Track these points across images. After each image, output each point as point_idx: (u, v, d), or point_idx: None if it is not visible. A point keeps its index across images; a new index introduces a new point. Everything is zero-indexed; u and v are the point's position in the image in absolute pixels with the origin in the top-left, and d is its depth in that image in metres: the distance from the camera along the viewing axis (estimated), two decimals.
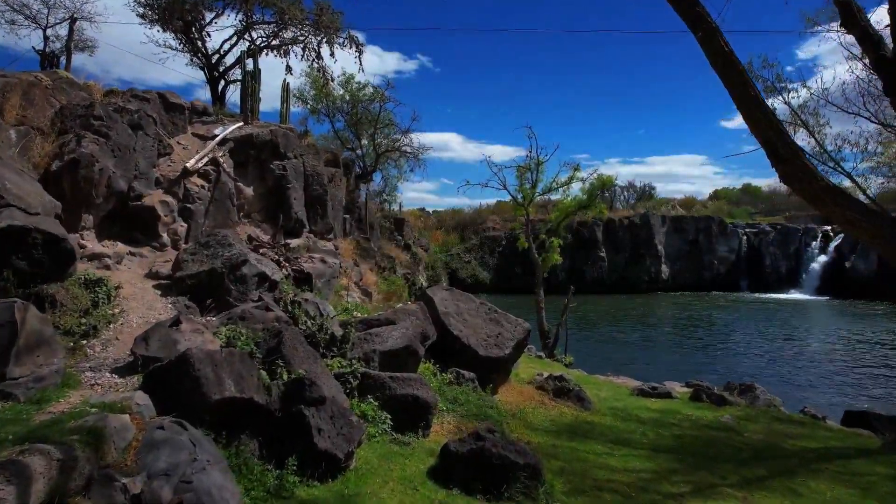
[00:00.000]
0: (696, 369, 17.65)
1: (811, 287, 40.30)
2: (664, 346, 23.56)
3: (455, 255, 45.66)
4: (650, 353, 22.56)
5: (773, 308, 33.86)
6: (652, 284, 43.57)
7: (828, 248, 41.11)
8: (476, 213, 52.05)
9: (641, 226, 43.98)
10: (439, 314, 9.57)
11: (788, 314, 30.98)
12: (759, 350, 21.90)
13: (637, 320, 30.17)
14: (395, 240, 33.40)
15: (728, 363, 19.74)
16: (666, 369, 17.54)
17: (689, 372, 16.17)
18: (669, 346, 23.76)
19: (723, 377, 15.49)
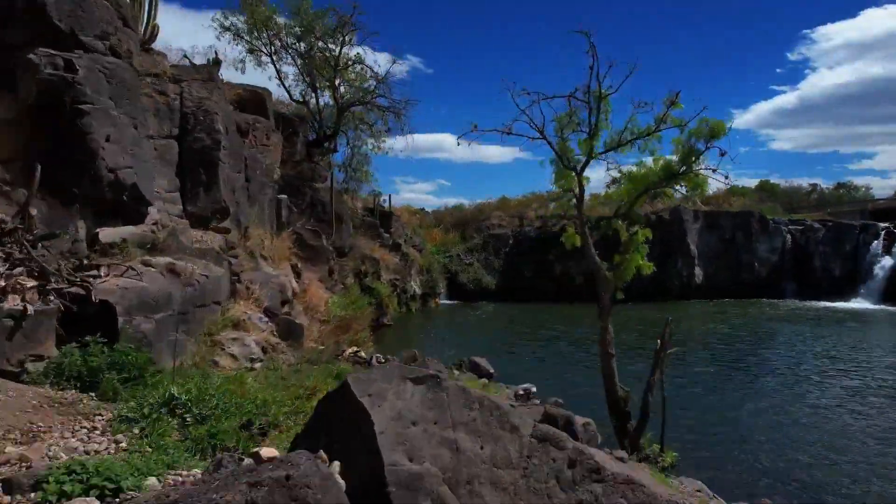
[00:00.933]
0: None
1: (876, 294, 34.15)
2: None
3: (455, 256, 39.67)
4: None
5: (833, 320, 27.78)
6: (684, 290, 37.49)
7: (893, 248, 34.97)
8: (478, 208, 46.12)
9: (672, 222, 37.90)
10: (383, 472, 3.45)
11: (857, 330, 24.99)
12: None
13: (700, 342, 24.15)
14: (380, 238, 27.36)
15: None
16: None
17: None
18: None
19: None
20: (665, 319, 10.76)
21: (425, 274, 33.55)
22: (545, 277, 38.54)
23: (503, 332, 25.11)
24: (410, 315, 30.76)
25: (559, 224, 39.27)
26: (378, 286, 25.44)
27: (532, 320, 27.91)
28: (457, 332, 25.22)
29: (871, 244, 35.86)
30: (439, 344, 21.86)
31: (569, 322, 26.83)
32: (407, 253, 31.01)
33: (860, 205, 46.42)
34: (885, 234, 35.89)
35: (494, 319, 29.84)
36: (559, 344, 21.75)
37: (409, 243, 34.09)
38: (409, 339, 23.22)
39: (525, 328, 25.54)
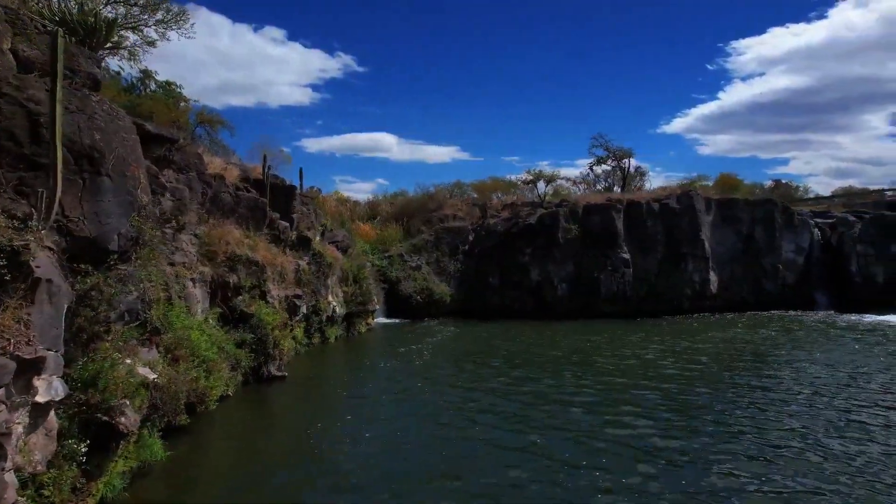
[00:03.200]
0: None
1: None
2: None
3: (395, 257, 29.37)
4: None
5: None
6: (696, 301, 28.68)
7: None
8: (428, 196, 35.92)
9: (682, 212, 29.02)
10: None
11: None
12: None
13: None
14: (272, 229, 16.74)
15: None
16: None
17: None
18: None
19: None
20: None
21: (352, 284, 23.14)
22: (518, 286, 28.84)
23: (480, 385, 15.10)
24: (327, 348, 20.30)
25: (534, 213, 29.78)
26: (261, 311, 14.92)
27: (518, 355, 18.04)
28: (394, 388, 14.99)
29: None
30: (366, 424, 11.71)
31: (543, 351, 17.11)
32: (321, 254, 20.54)
33: (868, 196, 39.06)
34: None
35: (454, 353, 19.76)
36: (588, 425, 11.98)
37: (327, 239, 23.59)
38: (303, 413, 12.92)
39: (510, 375, 15.60)
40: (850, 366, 15.86)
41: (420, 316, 27.82)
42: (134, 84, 27.03)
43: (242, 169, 18.27)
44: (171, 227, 13.03)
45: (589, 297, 28.20)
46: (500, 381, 14.44)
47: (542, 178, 33.16)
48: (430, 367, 16.42)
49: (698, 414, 11.45)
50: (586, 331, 23.23)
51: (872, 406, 11.85)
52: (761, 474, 8.40)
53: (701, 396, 12.77)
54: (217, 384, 11.37)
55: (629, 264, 28.24)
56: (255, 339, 14.39)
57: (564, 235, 28.72)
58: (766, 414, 11.38)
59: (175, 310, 11.31)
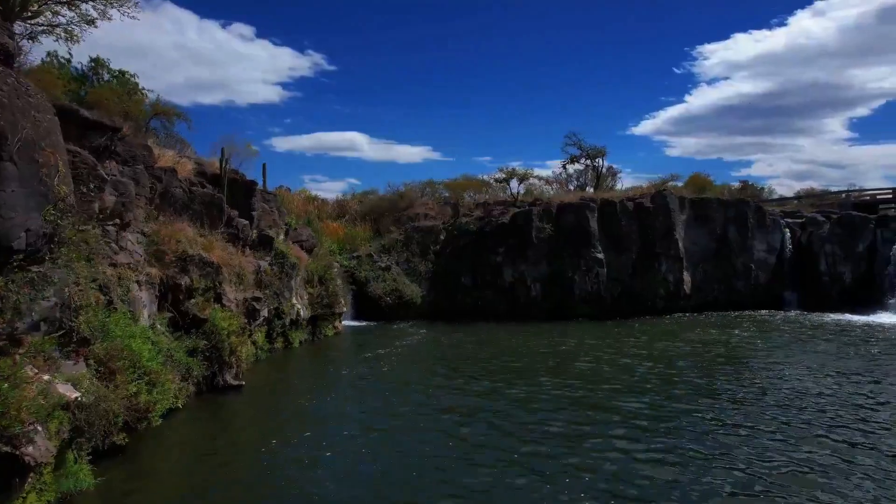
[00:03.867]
0: None
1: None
2: None
3: (364, 257, 28.37)
4: None
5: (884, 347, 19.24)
6: (670, 302, 28.40)
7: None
8: (399, 195, 34.93)
9: (656, 211, 28.69)
10: None
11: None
12: None
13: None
14: (230, 227, 15.65)
15: None
16: None
17: None
18: None
19: None
20: None
21: (318, 285, 22.07)
22: (491, 286, 28.13)
23: (450, 398, 14.30)
24: (290, 353, 19.21)
25: (507, 212, 29.13)
26: (216, 316, 13.82)
27: (491, 360, 17.28)
28: (358, 400, 14.09)
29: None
30: (329, 441, 10.78)
31: (551, 369, 16.44)
32: (284, 253, 19.44)
33: (827, 197, 39.37)
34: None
35: (424, 358, 18.93)
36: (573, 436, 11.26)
37: (291, 238, 22.47)
38: (258, 428, 11.93)
39: (481, 385, 14.83)
40: (833, 371, 15.54)
41: (390, 318, 26.86)
42: (84, 73, 25.47)
43: (198, 163, 17.06)
44: (114, 224, 11.87)
45: (563, 298, 27.65)
46: (472, 393, 13.63)
47: (515, 176, 32.54)
48: (399, 375, 15.51)
49: (680, 431, 10.83)
50: (560, 333, 22.63)
51: (860, 419, 11.42)
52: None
53: (681, 412, 12.17)
54: (162, 398, 10.29)
55: (603, 264, 27.79)
56: (208, 346, 13.29)
57: (538, 235, 28.12)
58: (751, 429, 10.83)
59: (115, 316, 10.19)
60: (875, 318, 25.88)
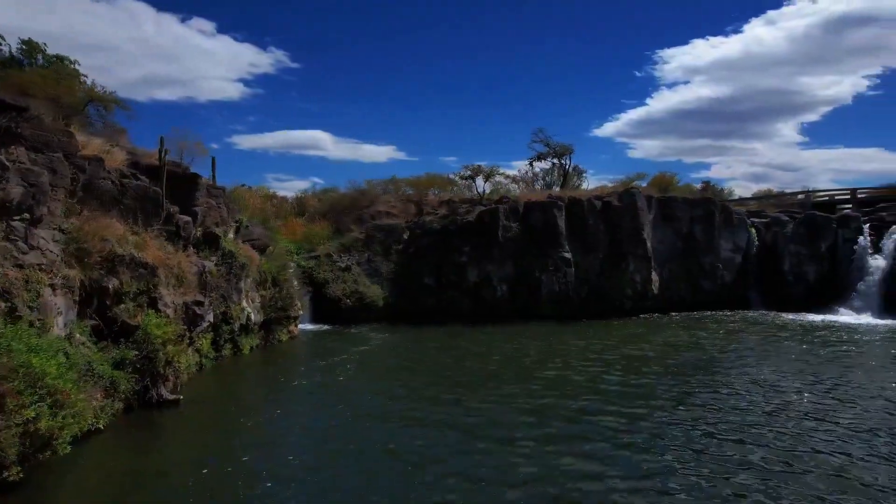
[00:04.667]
0: None
1: (871, 304, 26.66)
2: None
3: (323, 257, 26.96)
4: None
5: (846, 349, 18.96)
6: (637, 302, 27.88)
7: (882, 244, 27.82)
8: (360, 192, 33.57)
9: (624, 210, 28.12)
10: None
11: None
12: None
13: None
14: (170, 224, 14.17)
15: None
16: None
17: None
18: None
19: None
20: None
21: (271, 287, 20.61)
22: (455, 287, 27.08)
23: (409, 412, 13.18)
24: (239, 361, 17.73)
25: (473, 210, 28.15)
26: (150, 322, 12.33)
27: (454, 368, 16.22)
28: (309, 415, 12.85)
29: (857, 241, 28.50)
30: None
31: (521, 373, 15.48)
32: (233, 253, 17.94)
33: (782, 198, 39.70)
34: (871, 226, 28.81)
35: (384, 366, 17.78)
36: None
37: (242, 237, 20.94)
38: (190, 452, 10.58)
39: (440, 396, 13.77)
40: (810, 376, 15.03)
41: (350, 321, 25.51)
42: (13, 56, 23.36)
43: (132, 153, 15.40)
44: (22, 219, 10.31)
45: (530, 299, 26.82)
46: (433, 407, 12.51)
47: (480, 173, 31.61)
48: (355, 386, 14.29)
49: (657, 452, 9.96)
50: (527, 335, 21.75)
51: (836, 422, 10.77)
52: None
53: (657, 432, 11.33)
54: (72, 421, 8.84)
55: (571, 264, 27.07)
56: (140, 357, 11.80)
57: (504, 234, 27.21)
58: (733, 444, 10.04)
59: (14, 328, 8.70)
60: (838, 318, 25.91)
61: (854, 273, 28.09)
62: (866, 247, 28.14)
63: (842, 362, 16.13)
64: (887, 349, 18.22)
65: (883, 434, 9.94)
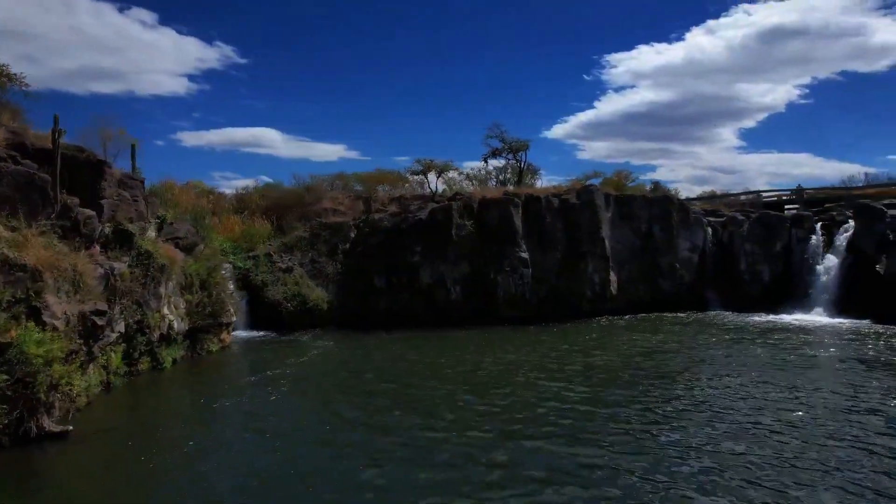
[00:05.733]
0: None
1: (824, 304, 26.49)
2: None
3: (262, 258, 24.78)
4: None
5: (794, 351, 18.41)
6: (596, 303, 26.87)
7: (835, 243, 27.77)
8: (305, 188, 31.41)
9: (582, 208, 27.07)
10: None
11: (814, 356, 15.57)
12: None
13: None
14: (68, 220, 11.86)
15: None
16: None
17: None
18: None
19: None
20: None
21: (199, 291, 18.38)
22: (407, 288, 25.37)
23: (348, 444, 11.40)
24: (158, 377, 15.50)
25: (425, 207, 26.53)
26: (28, 338, 10.11)
27: (402, 383, 14.54)
28: (228, 451, 10.91)
29: (810, 240, 28.41)
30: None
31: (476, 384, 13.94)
32: (151, 253, 15.68)
33: (724, 199, 39.79)
34: (823, 225, 28.77)
35: (323, 382, 15.94)
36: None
37: (166, 235, 18.63)
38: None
39: (386, 423, 12.10)
40: (780, 391, 14.07)
41: (292, 327, 23.44)
42: None
43: (14, 132, 12.97)
44: None
45: (485, 300, 25.40)
46: (379, 432, 10.82)
47: (433, 169, 29.98)
48: (288, 409, 12.41)
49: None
50: (483, 342, 20.33)
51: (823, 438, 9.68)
52: None
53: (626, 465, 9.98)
54: None
55: (528, 264, 25.81)
56: (10, 382, 9.61)
57: (458, 232, 25.69)
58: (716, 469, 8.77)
59: None
60: (794, 318, 25.60)
61: (808, 272, 27.96)
62: (819, 246, 28.07)
63: (803, 370, 15.33)
64: (845, 352, 17.60)
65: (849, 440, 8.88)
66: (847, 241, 27.26)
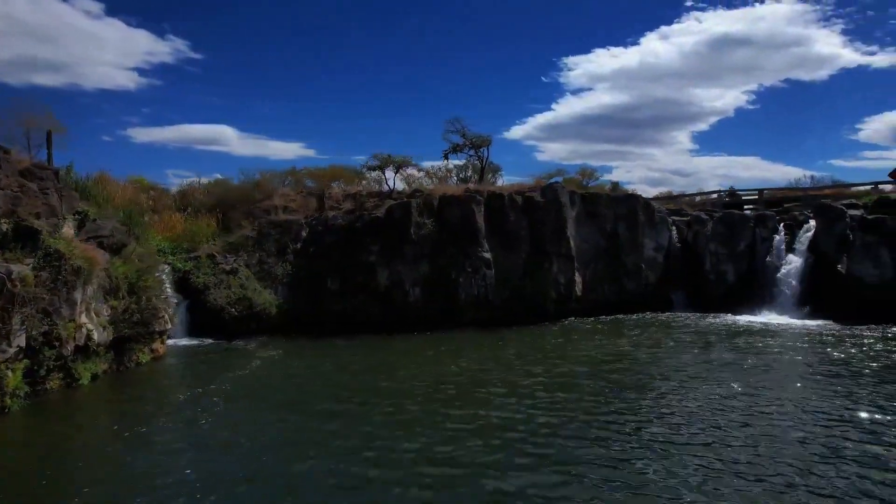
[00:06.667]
0: None
1: (788, 304, 26.19)
2: None
3: (204, 258, 22.82)
4: None
5: (755, 353, 17.84)
6: (561, 305, 25.88)
7: (796, 242, 27.57)
8: (254, 184, 29.43)
9: (546, 206, 26.02)
10: None
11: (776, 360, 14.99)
12: None
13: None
14: None
15: None
16: None
17: None
18: None
19: None
20: None
21: (126, 296, 16.42)
22: (362, 291, 23.81)
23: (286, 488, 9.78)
24: (71, 397, 13.54)
25: (382, 204, 25.04)
26: None
27: (353, 399, 13.06)
28: (150, 494, 9.19)
29: (773, 240, 28.14)
30: None
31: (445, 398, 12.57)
32: (62, 253, 13.71)
33: (682, 200, 39.80)
34: (785, 225, 28.56)
35: (265, 399, 14.32)
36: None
37: (88, 233, 16.59)
38: None
39: (335, 459, 10.61)
40: (751, 398, 13.18)
41: (237, 333, 21.58)
42: None
43: None
44: None
45: (446, 303, 24.06)
46: (320, 466, 9.32)
47: (391, 164, 28.44)
48: (222, 436, 10.72)
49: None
50: (442, 348, 18.99)
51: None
52: None
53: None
54: None
55: (491, 265, 24.60)
56: None
57: (418, 231, 24.28)
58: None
59: None
60: (758, 319, 25.18)
61: (771, 272, 27.69)
62: (782, 246, 27.82)
63: (772, 376, 14.57)
64: (811, 357, 16.98)
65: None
66: (809, 242, 27.06)
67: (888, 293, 23.79)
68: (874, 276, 24.37)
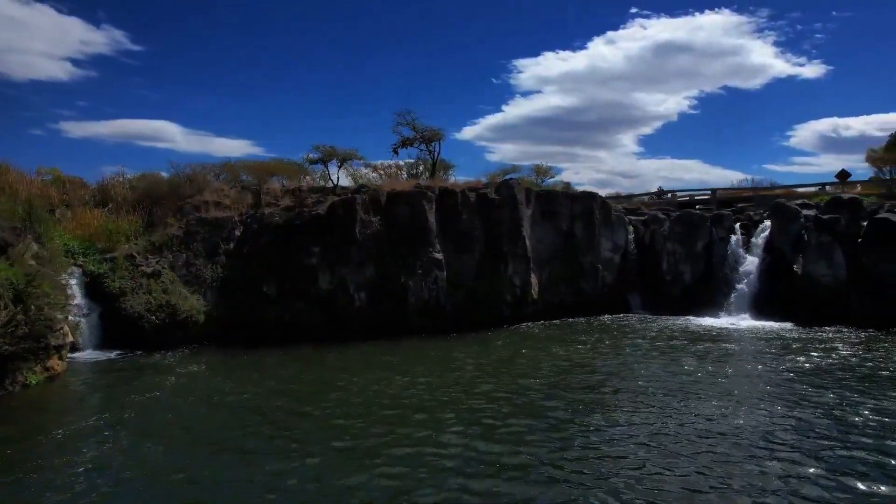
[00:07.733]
0: None
1: (746, 306, 25.65)
2: None
3: (122, 260, 20.32)
4: None
5: (705, 354, 16.99)
6: (517, 308, 24.50)
7: (752, 243, 27.13)
8: (185, 178, 26.80)
9: (502, 203, 24.57)
10: None
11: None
12: None
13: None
14: None
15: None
16: None
17: None
18: None
19: None
20: None
21: (9, 306, 13.94)
22: (302, 296, 21.77)
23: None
24: None
25: (324, 200, 23.11)
26: None
27: (286, 431, 11.19)
28: None
29: (730, 240, 27.63)
30: None
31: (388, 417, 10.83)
32: None
33: (632, 201, 39.45)
34: (742, 225, 28.12)
35: (180, 430, 12.27)
36: None
37: None
38: None
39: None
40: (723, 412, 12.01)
41: (158, 345, 19.22)
42: None
43: None
44: None
45: (395, 309, 22.28)
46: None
47: (335, 156, 26.41)
48: (121, 487, 8.66)
49: None
50: (387, 361, 17.22)
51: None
52: None
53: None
54: None
55: (443, 266, 22.98)
56: None
57: (363, 230, 22.43)
58: None
59: None
60: (716, 322, 24.58)
61: (728, 273, 27.16)
62: (739, 246, 27.35)
63: (736, 383, 13.52)
64: (773, 362, 16.13)
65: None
66: (765, 242, 26.65)
67: (841, 294, 23.53)
68: (828, 277, 24.04)
